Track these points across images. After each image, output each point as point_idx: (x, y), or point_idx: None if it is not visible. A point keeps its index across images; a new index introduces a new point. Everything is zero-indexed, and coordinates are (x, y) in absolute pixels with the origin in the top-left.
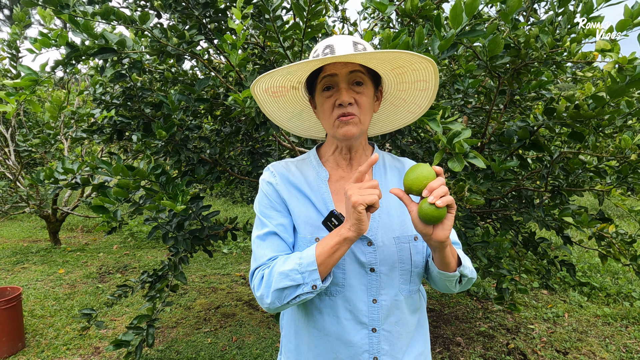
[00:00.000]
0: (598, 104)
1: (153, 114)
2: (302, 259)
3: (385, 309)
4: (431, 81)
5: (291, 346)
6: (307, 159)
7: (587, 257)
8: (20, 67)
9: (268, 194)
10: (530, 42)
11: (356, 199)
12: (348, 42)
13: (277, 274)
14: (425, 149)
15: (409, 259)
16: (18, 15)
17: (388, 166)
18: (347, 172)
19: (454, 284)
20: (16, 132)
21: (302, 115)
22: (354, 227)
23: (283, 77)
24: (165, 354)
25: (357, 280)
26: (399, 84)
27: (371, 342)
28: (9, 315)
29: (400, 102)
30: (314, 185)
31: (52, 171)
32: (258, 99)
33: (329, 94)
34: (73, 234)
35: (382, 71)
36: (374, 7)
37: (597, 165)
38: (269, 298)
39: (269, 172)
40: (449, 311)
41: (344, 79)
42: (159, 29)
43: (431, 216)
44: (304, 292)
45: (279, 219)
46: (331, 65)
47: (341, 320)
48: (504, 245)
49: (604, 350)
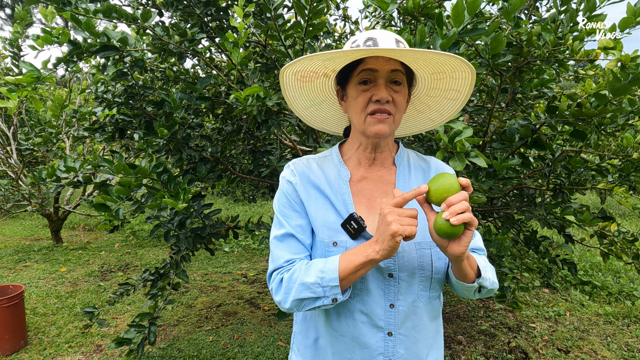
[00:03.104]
0: (600, 102)
1: (155, 112)
2: (324, 273)
3: (403, 314)
4: (464, 92)
5: (309, 341)
6: (329, 157)
7: (588, 255)
8: (22, 63)
9: (288, 193)
10: (532, 40)
11: (397, 229)
12: (391, 38)
13: (299, 285)
14: (427, 147)
15: (430, 265)
16: (20, 14)
17: (412, 166)
18: (369, 172)
19: (473, 292)
20: (18, 130)
21: (321, 106)
22: (384, 253)
23: (322, 62)
24: (167, 352)
25: (375, 285)
26: (431, 90)
27: (386, 345)
28: (11, 313)
29: (425, 108)
30: (335, 185)
31: (54, 169)
32: (283, 82)
33: (365, 87)
34: (75, 232)
35: (422, 73)
36: (376, 6)
37: (599, 164)
38: (287, 304)
39: (289, 170)
40: (450, 309)
41: (384, 75)
42: (161, 27)
43: (445, 232)
44: (323, 304)
45: (297, 220)
46: (373, 59)
47: (357, 322)
48: (506, 243)
49: (605, 349)
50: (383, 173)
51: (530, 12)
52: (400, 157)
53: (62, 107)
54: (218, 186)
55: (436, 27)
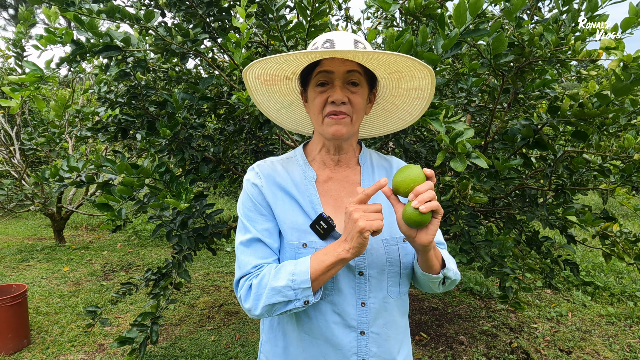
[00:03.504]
0: (602, 102)
1: (157, 112)
2: (295, 275)
3: (374, 312)
4: (427, 90)
5: (278, 350)
6: (294, 158)
7: (590, 256)
8: (25, 63)
9: (253, 196)
10: (534, 41)
11: (364, 225)
12: (349, 39)
13: (269, 290)
14: (429, 147)
15: (398, 260)
16: (23, 15)
17: (376, 165)
18: (335, 173)
19: (437, 285)
20: (21, 130)
21: (291, 108)
22: (354, 250)
23: (278, 65)
24: (169, 352)
25: (346, 284)
26: (394, 89)
27: (359, 344)
28: (14, 312)
29: (392, 108)
30: (301, 186)
31: (57, 169)
32: (248, 85)
33: (322, 89)
34: (77, 232)
35: (380, 73)
36: (378, 6)
37: (601, 164)
38: (258, 310)
39: (254, 173)
40: (452, 310)
41: (340, 76)
42: (164, 27)
43: (414, 220)
44: (295, 307)
45: (263, 224)
46: (329, 61)
47: (329, 324)
48: (508, 244)
49: (607, 350)
50: (348, 173)
51: (532, 12)
52: (363, 157)
53: (65, 107)
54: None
55: (438, 27)
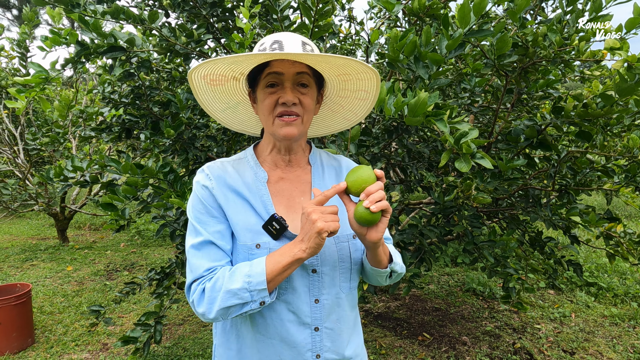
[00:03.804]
0: (607, 102)
1: (161, 112)
2: (251, 277)
3: (327, 308)
4: (372, 92)
5: (231, 353)
6: (244, 159)
7: (594, 257)
8: (30, 64)
9: (203, 198)
10: (538, 41)
11: (322, 226)
12: (297, 40)
13: (224, 293)
14: (432, 148)
15: (349, 257)
16: (28, 15)
17: (325, 165)
18: (287, 172)
19: (385, 278)
20: (25, 130)
21: (237, 108)
22: (311, 251)
23: (227, 66)
24: (172, 351)
25: (300, 282)
26: (340, 91)
27: (314, 340)
28: (19, 312)
29: (339, 108)
30: (253, 187)
31: (61, 169)
32: (193, 86)
33: (272, 90)
34: (81, 231)
35: (328, 75)
36: (381, 6)
37: (605, 165)
38: (212, 314)
39: (203, 175)
40: (454, 310)
41: (290, 78)
42: (168, 28)
43: (365, 219)
44: (251, 309)
45: (215, 226)
46: (279, 62)
47: (284, 322)
48: (511, 244)
49: (611, 351)
50: (299, 173)
51: (536, 13)
52: (313, 157)
53: (68, 107)
54: None
55: (442, 28)
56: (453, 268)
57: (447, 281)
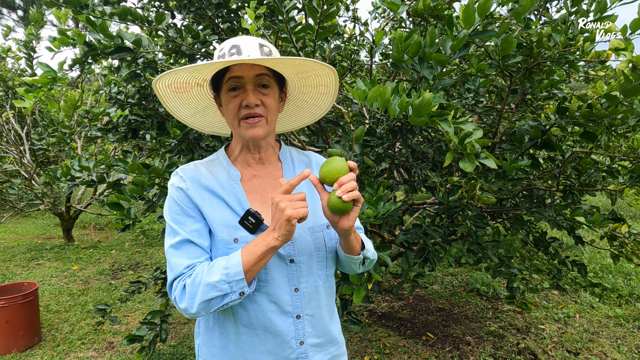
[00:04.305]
0: (611, 103)
1: (167, 113)
2: (229, 269)
3: (307, 296)
4: (332, 86)
5: (215, 350)
6: (217, 160)
7: (598, 257)
8: (38, 64)
9: (179, 199)
10: (542, 41)
11: (291, 213)
12: (254, 43)
13: (204, 286)
14: (436, 148)
15: (324, 245)
16: (34, 16)
17: (296, 160)
18: (259, 170)
19: (358, 265)
20: (31, 131)
21: (205, 112)
22: (283, 238)
23: (188, 74)
24: (177, 350)
25: (279, 272)
26: (302, 87)
27: (297, 328)
28: (26, 310)
29: (303, 104)
30: (227, 185)
31: (69, 169)
32: (159, 94)
33: (235, 94)
34: (86, 231)
35: (287, 74)
36: (385, 7)
37: (610, 165)
38: (194, 309)
39: (177, 177)
40: (458, 310)
41: (250, 80)
42: (174, 29)
43: (337, 208)
44: (231, 300)
45: (192, 225)
46: (237, 67)
47: (267, 313)
48: (515, 244)
49: (615, 351)
50: (271, 170)
51: (540, 14)
52: (283, 153)
53: (74, 107)
54: None
55: (447, 28)
56: (457, 268)
57: (451, 281)
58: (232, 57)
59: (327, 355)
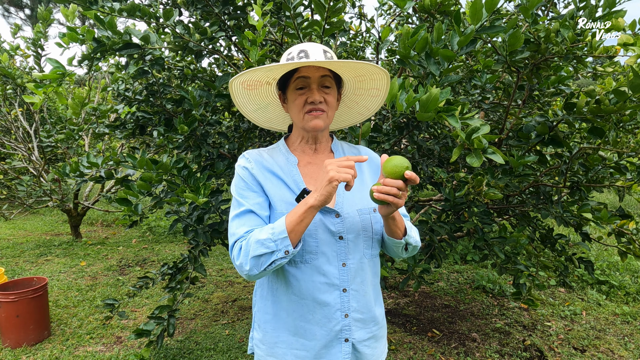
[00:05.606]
0: (619, 98)
1: (174, 109)
2: (275, 228)
3: (353, 271)
4: (383, 90)
5: (268, 317)
6: (277, 148)
7: (606, 254)
8: (48, 60)
9: (244, 177)
10: (550, 37)
11: (333, 175)
12: (320, 49)
13: (254, 243)
14: (442, 144)
15: (370, 227)
16: (42, 14)
17: (347, 152)
18: (314, 158)
19: (401, 250)
20: (40, 128)
21: (267, 108)
22: (321, 198)
23: (264, 73)
24: (184, 344)
25: (329, 247)
26: (356, 89)
27: (342, 301)
28: (36, 305)
29: (354, 105)
30: (285, 168)
31: (77, 165)
32: (232, 90)
33: (301, 92)
34: (93, 228)
35: (346, 77)
36: (392, 3)
37: (618, 161)
38: (247, 265)
39: (244, 159)
40: (464, 307)
41: (315, 81)
42: (182, 25)
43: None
44: (278, 258)
45: (255, 199)
46: (305, 68)
47: (316, 284)
48: (522, 241)
49: (622, 349)
50: (324, 158)
51: (548, 9)
52: (335, 146)
53: (82, 105)
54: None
55: (454, 24)
56: (462, 265)
57: (457, 278)
58: (300, 59)
59: (369, 333)
